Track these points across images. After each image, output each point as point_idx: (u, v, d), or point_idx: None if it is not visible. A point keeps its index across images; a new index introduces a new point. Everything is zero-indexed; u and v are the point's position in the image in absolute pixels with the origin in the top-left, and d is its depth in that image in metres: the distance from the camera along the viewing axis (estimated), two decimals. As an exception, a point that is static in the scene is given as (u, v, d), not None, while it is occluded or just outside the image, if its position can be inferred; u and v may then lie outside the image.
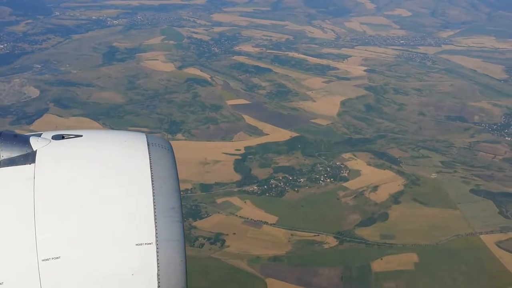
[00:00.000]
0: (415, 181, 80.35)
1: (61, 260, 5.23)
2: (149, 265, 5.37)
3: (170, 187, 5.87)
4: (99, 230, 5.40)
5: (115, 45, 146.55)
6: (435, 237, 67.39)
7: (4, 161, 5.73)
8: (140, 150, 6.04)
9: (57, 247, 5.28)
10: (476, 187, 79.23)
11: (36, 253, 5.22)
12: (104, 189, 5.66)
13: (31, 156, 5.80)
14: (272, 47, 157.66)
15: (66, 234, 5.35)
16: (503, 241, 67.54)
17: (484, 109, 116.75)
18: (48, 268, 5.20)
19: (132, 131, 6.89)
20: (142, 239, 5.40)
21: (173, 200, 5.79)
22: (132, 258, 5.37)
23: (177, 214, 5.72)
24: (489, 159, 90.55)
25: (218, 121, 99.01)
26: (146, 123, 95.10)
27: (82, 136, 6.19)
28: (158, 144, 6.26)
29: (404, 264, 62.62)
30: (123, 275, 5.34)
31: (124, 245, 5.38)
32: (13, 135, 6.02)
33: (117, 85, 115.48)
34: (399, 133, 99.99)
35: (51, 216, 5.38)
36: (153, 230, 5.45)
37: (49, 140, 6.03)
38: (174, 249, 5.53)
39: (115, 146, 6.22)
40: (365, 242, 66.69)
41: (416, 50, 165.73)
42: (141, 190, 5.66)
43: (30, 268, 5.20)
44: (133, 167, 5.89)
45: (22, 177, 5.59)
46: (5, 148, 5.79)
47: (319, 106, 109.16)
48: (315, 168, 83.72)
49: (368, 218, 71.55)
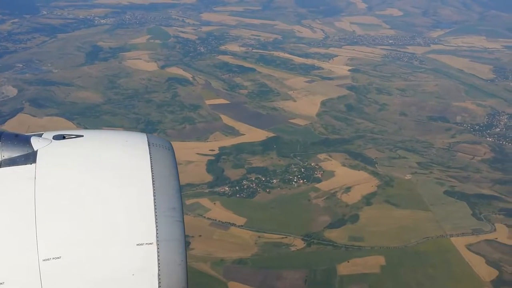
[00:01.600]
0: (388, 182, 79.30)
1: (62, 260, 5.23)
2: (150, 265, 5.36)
3: (170, 187, 5.86)
4: (100, 230, 5.38)
5: (100, 45, 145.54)
6: (404, 240, 66.33)
7: (5, 161, 5.72)
8: (141, 150, 6.02)
9: (58, 247, 5.26)
10: (450, 188, 78.18)
11: (37, 253, 5.20)
12: (105, 189, 5.62)
13: (32, 156, 5.80)
14: (259, 46, 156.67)
15: (67, 234, 5.33)
16: (474, 243, 66.48)
17: (468, 109, 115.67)
18: (49, 268, 5.19)
19: (133, 131, 6.99)
20: (142, 239, 5.39)
21: (173, 200, 5.77)
22: (132, 258, 5.36)
23: (178, 214, 5.70)
24: (467, 160, 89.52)
25: (195, 121, 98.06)
26: (122, 123, 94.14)
27: (83, 136, 6.16)
28: (158, 144, 6.23)
29: (370, 267, 61.55)
30: (124, 275, 5.33)
31: (125, 245, 5.36)
32: (14, 135, 5.99)
33: (97, 85, 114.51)
34: (378, 134, 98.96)
35: (52, 216, 5.37)
36: (154, 230, 5.43)
37: (50, 140, 6.02)
38: (175, 249, 5.50)
39: (116, 146, 6.21)
40: (333, 245, 65.67)
41: (404, 50, 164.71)
42: (142, 190, 5.64)
43: (31, 268, 5.18)
44: (134, 167, 5.88)
45: (23, 177, 5.58)
46: (6, 148, 5.77)
47: (299, 106, 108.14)
48: (289, 169, 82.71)
49: (338, 220, 70.50)
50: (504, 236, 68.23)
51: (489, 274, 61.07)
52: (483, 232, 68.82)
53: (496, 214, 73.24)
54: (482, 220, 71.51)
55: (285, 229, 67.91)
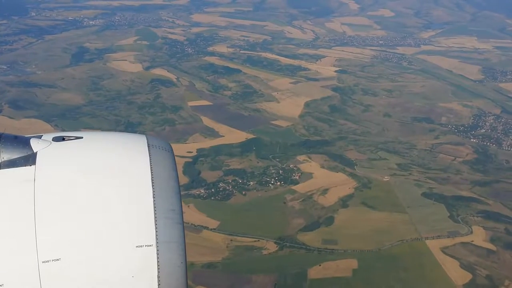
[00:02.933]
0: (366, 184, 78.34)
1: (61, 262, 5.20)
2: (149, 267, 5.33)
3: (170, 188, 5.84)
4: (100, 232, 5.35)
5: (86, 46, 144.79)
6: (378, 242, 65.33)
7: (4, 162, 5.70)
8: (141, 152, 6.00)
9: (57, 249, 5.23)
10: (429, 190, 77.22)
11: (37, 254, 5.18)
12: (104, 190, 5.59)
13: (31, 158, 5.79)
14: (248, 47, 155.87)
15: (67, 236, 5.29)
16: (449, 246, 65.55)
17: (454, 110, 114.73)
18: (49, 270, 5.17)
19: (133, 133, 6.86)
20: (142, 241, 5.36)
21: (173, 201, 5.74)
22: (132, 260, 5.33)
23: (177, 216, 5.68)
24: (449, 161, 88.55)
25: (176, 122, 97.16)
26: (101, 125, 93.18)
27: (82, 138, 6.14)
28: (158, 145, 6.22)
29: (342, 271, 60.59)
30: (123, 277, 5.30)
31: (125, 247, 5.33)
32: (14, 136, 5.99)
33: (80, 86, 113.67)
34: (361, 135, 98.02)
35: (51, 218, 5.34)
36: (153, 232, 5.40)
37: (49, 142, 6.01)
38: (175, 251, 5.48)
39: (115, 147, 6.18)
40: (306, 248, 64.71)
41: (394, 51, 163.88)
42: (142, 191, 5.62)
43: (30, 269, 5.16)
44: (134, 169, 5.86)
45: (22, 179, 5.57)
46: (5, 150, 5.76)
47: (282, 107, 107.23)
48: (267, 171, 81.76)
49: (313, 223, 69.56)
50: (480, 239, 67.28)
51: (462, 277, 60.15)
52: (459, 234, 67.87)
53: (474, 216, 72.25)
54: (460, 222, 70.54)
55: (258, 232, 66.95)
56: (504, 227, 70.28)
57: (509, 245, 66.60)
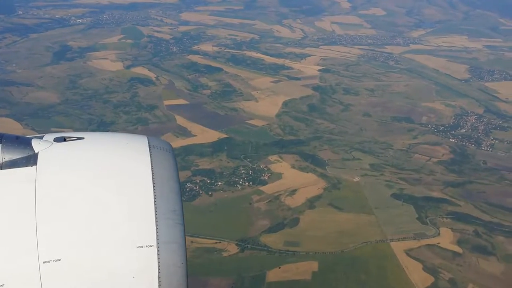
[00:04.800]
0: (336, 184, 77.01)
1: (62, 262, 5.20)
2: (150, 267, 5.34)
3: (171, 189, 5.85)
4: (100, 232, 5.35)
5: (70, 44, 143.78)
6: (342, 244, 64.03)
7: (6, 163, 5.73)
8: (142, 153, 6.02)
9: (58, 249, 5.24)
10: (399, 191, 75.85)
11: (37, 255, 5.19)
12: (106, 191, 5.61)
13: (33, 158, 5.81)
14: (234, 46, 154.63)
15: (67, 236, 5.29)
16: (414, 249, 64.20)
17: (436, 109, 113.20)
18: (49, 270, 5.17)
19: (134, 134, 6.84)
20: (143, 242, 5.37)
21: (174, 202, 5.75)
22: (133, 260, 5.34)
23: (178, 216, 5.69)
24: (423, 161, 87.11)
25: (149, 121, 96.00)
26: (73, 124, 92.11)
27: (83, 138, 6.16)
28: (159, 146, 6.24)
29: (301, 274, 59.33)
30: (124, 277, 5.31)
31: (125, 247, 5.34)
32: (15, 137, 6.00)
33: (57, 85, 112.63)
34: (337, 135, 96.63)
35: (52, 218, 5.34)
36: (154, 232, 5.41)
37: (50, 142, 6.03)
38: (175, 252, 5.48)
39: (116, 148, 6.18)
40: (268, 250, 63.45)
41: (382, 50, 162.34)
42: (142, 192, 5.63)
43: (31, 270, 5.17)
44: (135, 169, 5.87)
45: (23, 179, 5.58)
46: (7, 150, 5.78)
47: (260, 106, 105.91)
48: (237, 171, 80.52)
49: (278, 224, 68.28)
50: (447, 241, 65.91)
51: (424, 280, 58.82)
52: (426, 236, 66.55)
53: (444, 218, 70.89)
54: (427, 224, 69.20)
55: (220, 233, 65.73)
56: (474, 229, 68.89)
57: (476, 248, 65.23)
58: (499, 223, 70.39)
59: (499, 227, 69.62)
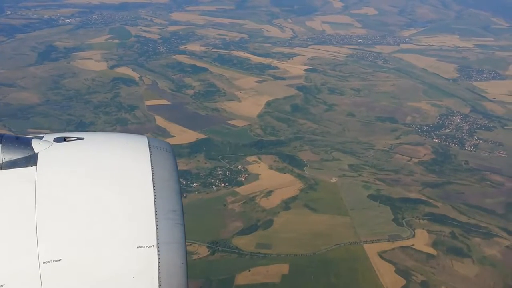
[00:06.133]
0: (313, 185, 76.00)
1: (62, 262, 5.21)
2: (150, 267, 5.34)
3: (171, 189, 5.82)
4: (101, 233, 5.34)
5: (56, 45, 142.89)
6: (314, 246, 62.99)
7: (5, 163, 5.72)
8: (142, 153, 5.99)
9: (58, 250, 5.24)
10: (376, 192, 74.81)
11: (38, 255, 5.19)
12: (106, 191, 5.59)
13: (32, 158, 5.79)
14: (221, 46, 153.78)
15: (68, 237, 5.29)
16: (388, 251, 63.13)
17: (421, 109, 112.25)
18: (50, 271, 5.18)
19: (134, 134, 6.79)
20: (143, 242, 5.35)
21: (174, 202, 5.72)
22: (133, 260, 5.34)
23: (178, 216, 5.69)
24: (404, 162, 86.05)
25: (128, 122, 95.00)
26: (51, 125, 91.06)
27: (84, 138, 6.16)
28: (159, 146, 6.21)
29: (271, 276, 58.24)
30: (124, 277, 5.31)
31: (125, 247, 5.34)
32: (15, 137, 5.99)
33: (40, 85, 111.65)
34: (319, 135, 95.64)
35: (52, 218, 5.34)
36: (154, 232, 5.40)
37: (50, 143, 6.01)
38: (175, 252, 5.48)
39: (116, 148, 6.12)
40: (239, 252, 62.39)
41: (371, 49, 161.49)
42: (143, 192, 5.62)
43: (31, 270, 5.17)
44: (135, 170, 5.84)
45: (23, 180, 5.58)
46: (7, 150, 5.77)
47: (242, 106, 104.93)
48: (213, 172, 79.51)
49: (251, 226, 67.25)
50: (422, 243, 64.86)
51: (395, 283, 57.79)
52: (400, 238, 65.47)
53: (420, 219, 69.91)
54: (403, 225, 68.18)
55: (192, 236, 64.25)
56: (450, 230, 67.85)
57: (451, 250, 64.17)
58: (477, 225, 69.35)
59: (476, 229, 68.58)
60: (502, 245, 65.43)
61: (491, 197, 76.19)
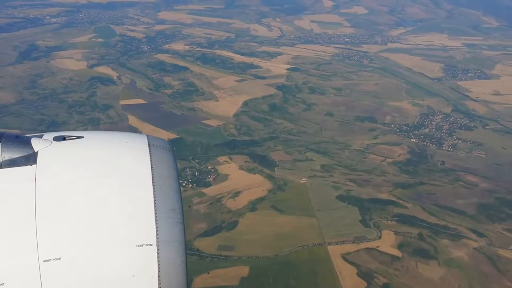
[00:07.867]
0: (281, 186, 74.73)
1: (62, 261, 5.20)
2: (150, 266, 5.33)
3: (170, 188, 5.84)
4: (100, 231, 5.34)
5: (38, 44, 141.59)
6: (277, 248, 61.73)
7: (5, 162, 5.70)
8: (141, 151, 6.03)
9: (58, 248, 5.22)
10: (345, 192, 73.51)
11: (37, 253, 5.18)
12: (105, 190, 5.59)
13: (32, 157, 5.78)
14: (206, 45, 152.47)
15: (67, 235, 5.29)
16: (352, 253, 61.87)
17: (402, 109, 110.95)
18: (49, 269, 5.17)
19: (133, 133, 6.80)
20: (142, 240, 5.35)
21: (173, 201, 5.73)
22: (133, 259, 5.32)
23: (178, 215, 5.69)
24: (378, 162, 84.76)
25: (101, 122, 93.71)
26: (22, 125, 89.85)
27: (83, 137, 6.15)
28: (159, 145, 6.24)
29: (230, 279, 57.03)
30: (124, 276, 5.30)
31: (125, 246, 5.32)
32: (15, 136, 6.00)
33: (16, 85, 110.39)
34: (295, 135, 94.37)
35: (52, 217, 5.33)
36: (154, 231, 5.41)
37: (50, 141, 6.00)
38: (175, 251, 5.49)
39: (116, 147, 6.16)
40: (199, 255, 61.11)
41: (358, 49, 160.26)
42: (142, 191, 5.61)
43: (31, 268, 5.15)
44: (134, 168, 5.85)
45: (23, 178, 5.54)
46: (6, 149, 5.76)
47: (219, 106, 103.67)
48: (183, 172, 78.11)
49: (215, 227, 65.98)
50: (387, 245, 63.60)
51: (356, 286, 56.54)
52: (366, 240, 64.19)
53: (389, 220, 68.62)
54: (370, 227, 66.91)
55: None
56: (418, 231, 66.59)
57: (417, 251, 62.91)
58: (446, 226, 68.10)
59: (445, 230, 67.34)
60: (470, 247, 64.19)
61: (463, 198, 74.91)
